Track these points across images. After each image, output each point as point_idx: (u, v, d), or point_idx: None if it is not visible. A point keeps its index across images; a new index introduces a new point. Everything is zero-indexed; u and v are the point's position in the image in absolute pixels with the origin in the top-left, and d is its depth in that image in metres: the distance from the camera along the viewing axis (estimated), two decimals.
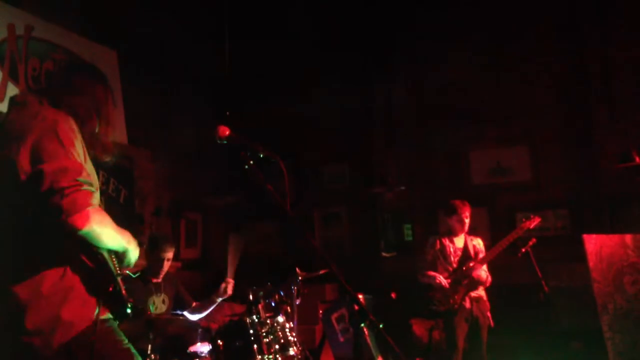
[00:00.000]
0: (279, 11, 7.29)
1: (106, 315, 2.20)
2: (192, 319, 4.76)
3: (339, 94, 7.52)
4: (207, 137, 2.44)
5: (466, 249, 5.32)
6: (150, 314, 4.05)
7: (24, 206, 2.08)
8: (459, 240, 5.38)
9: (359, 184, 7.60)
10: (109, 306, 2.19)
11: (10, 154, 2.06)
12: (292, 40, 7.56)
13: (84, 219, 2.01)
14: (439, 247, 5.36)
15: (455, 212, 5.34)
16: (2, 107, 4.90)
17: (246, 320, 4.17)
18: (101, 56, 5.99)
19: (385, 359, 5.41)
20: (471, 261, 5.21)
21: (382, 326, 2.00)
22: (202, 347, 4.48)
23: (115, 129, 2.44)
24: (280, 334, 4.26)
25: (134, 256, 2.34)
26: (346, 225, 7.77)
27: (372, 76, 7.70)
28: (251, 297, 4.33)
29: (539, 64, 6.87)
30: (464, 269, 5.17)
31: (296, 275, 4.76)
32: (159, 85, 6.68)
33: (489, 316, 5.20)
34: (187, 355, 4.38)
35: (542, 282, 5.00)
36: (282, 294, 4.64)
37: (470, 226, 5.39)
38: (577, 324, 5.79)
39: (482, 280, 5.15)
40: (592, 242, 5.29)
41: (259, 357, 4.05)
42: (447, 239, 5.38)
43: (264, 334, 4.15)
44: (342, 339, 5.86)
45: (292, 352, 4.23)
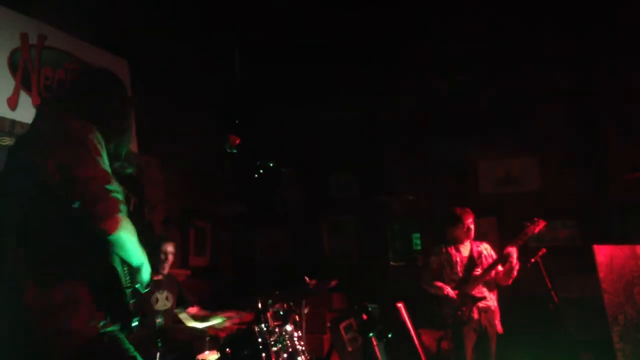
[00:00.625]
0: (288, 23, 7.33)
1: (113, 326, 2.21)
2: (199, 327, 4.78)
3: (348, 103, 7.55)
4: (217, 145, 2.46)
5: (472, 256, 5.27)
6: (158, 322, 4.07)
7: (42, 214, 2.10)
8: (465, 248, 5.32)
9: (367, 193, 7.60)
10: (117, 318, 2.21)
11: (36, 161, 2.11)
12: (301, 50, 7.59)
13: (114, 224, 2.08)
14: (445, 256, 5.31)
15: (460, 220, 5.29)
16: (15, 115, 4.94)
17: (254, 328, 4.17)
18: (112, 65, 6.02)
19: None
20: (476, 268, 5.16)
21: (390, 336, 2.00)
22: (210, 355, 4.49)
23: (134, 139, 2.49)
24: (288, 342, 4.26)
25: (146, 275, 2.38)
26: (354, 234, 7.76)
27: (381, 86, 7.71)
28: (259, 305, 4.33)
29: (548, 75, 6.87)
30: (469, 277, 5.13)
31: (305, 283, 4.76)
32: (169, 93, 6.72)
33: (497, 324, 5.16)
34: None
35: (552, 292, 4.96)
36: (290, 302, 4.64)
37: (476, 232, 5.35)
38: (587, 335, 5.75)
39: (483, 296, 5.10)
40: (603, 253, 5.27)
41: None
42: (452, 247, 5.33)
43: (272, 343, 4.15)
44: (350, 349, 5.84)
45: None
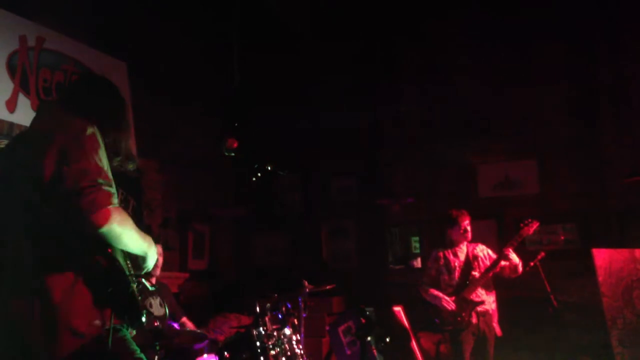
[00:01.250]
0: (288, 26, 7.33)
1: (118, 324, 2.20)
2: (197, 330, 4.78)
3: (347, 107, 7.55)
4: (216, 148, 2.46)
5: (468, 260, 5.26)
6: (157, 325, 4.06)
7: (42, 208, 2.12)
8: (462, 251, 5.32)
9: (367, 196, 7.59)
10: (123, 314, 2.19)
11: (36, 157, 2.13)
12: (301, 54, 7.60)
13: (104, 217, 2.07)
14: (443, 261, 5.30)
15: (456, 222, 5.29)
16: (13, 118, 4.94)
17: (253, 332, 4.16)
18: (111, 67, 6.04)
19: None
20: (473, 271, 5.16)
21: (388, 340, 2.00)
22: (208, 358, 4.49)
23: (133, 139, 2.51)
24: (287, 346, 4.26)
25: (152, 261, 2.39)
26: (354, 237, 7.75)
27: (381, 90, 7.72)
28: (258, 309, 4.33)
29: (548, 78, 6.86)
30: (467, 281, 5.12)
31: (303, 287, 4.76)
32: (168, 96, 6.72)
33: (495, 327, 5.15)
34: None
35: (551, 296, 4.96)
36: (289, 306, 4.63)
37: (475, 234, 5.35)
38: (586, 339, 5.74)
39: (482, 300, 5.09)
40: (602, 257, 5.27)
41: None
42: (450, 251, 5.33)
43: (271, 346, 4.14)
44: (349, 352, 5.83)
45: None
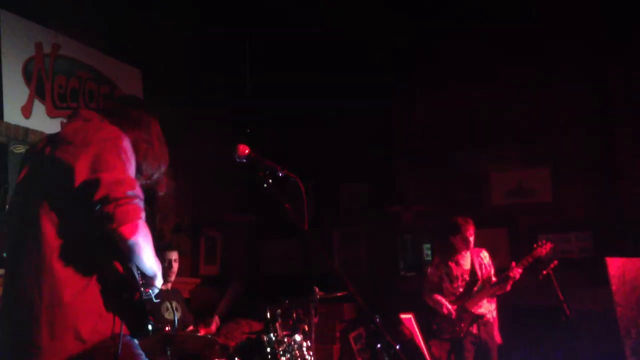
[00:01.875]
0: (300, 33, 7.35)
1: (128, 331, 2.21)
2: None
3: (359, 114, 7.54)
4: (228, 155, 2.47)
5: (473, 270, 5.24)
6: (168, 331, 4.07)
7: (66, 211, 2.14)
8: (465, 260, 5.29)
9: (378, 203, 7.58)
10: (130, 322, 2.20)
11: (68, 159, 2.14)
12: (312, 61, 7.62)
13: (133, 230, 2.08)
14: (445, 269, 5.29)
15: (459, 230, 5.26)
16: (29, 123, 4.99)
17: (263, 338, 4.16)
18: (126, 74, 6.10)
19: None
20: (478, 282, 5.13)
21: (398, 347, 1.99)
22: None
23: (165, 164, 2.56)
24: (297, 352, 4.25)
25: (159, 285, 2.43)
26: (365, 244, 7.74)
27: (392, 96, 7.72)
28: (269, 315, 4.33)
29: (561, 86, 6.83)
30: (471, 293, 5.10)
31: (314, 294, 4.75)
32: (181, 102, 6.76)
33: (495, 335, 5.12)
34: None
35: (564, 305, 4.92)
36: (300, 312, 4.63)
37: (485, 243, 5.34)
38: (599, 349, 5.69)
39: (482, 314, 5.07)
40: (615, 266, 5.22)
41: None
42: (452, 259, 5.31)
43: (281, 353, 4.14)
44: (359, 359, 5.82)
45: None
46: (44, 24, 5.24)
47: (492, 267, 5.24)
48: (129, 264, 2.20)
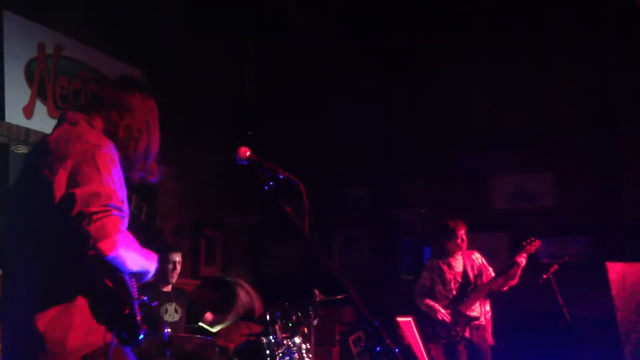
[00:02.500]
0: (302, 34, 7.36)
1: (119, 340, 2.19)
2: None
3: (361, 117, 7.55)
4: (229, 157, 2.47)
5: (465, 272, 5.24)
6: (167, 332, 4.07)
7: (51, 228, 2.09)
8: (458, 262, 5.29)
9: (379, 206, 7.58)
10: (122, 332, 2.17)
11: (47, 174, 2.09)
12: (314, 63, 7.62)
13: (111, 245, 2.01)
14: (437, 272, 5.29)
15: (453, 233, 5.27)
16: (30, 124, 5.00)
17: (263, 340, 4.17)
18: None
19: None
20: (471, 285, 5.13)
21: (398, 350, 2.00)
22: None
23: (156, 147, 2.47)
24: (296, 355, 4.25)
25: (151, 275, 2.38)
26: (366, 247, 7.74)
27: (394, 100, 7.72)
28: (268, 317, 4.33)
29: (562, 89, 6.83)
30: (464, 296, 5.10)
31: (314, 296, 4.75)
32: (183, 104, 6.77)
33: (487, 337, 5.12)
34: None
35: (564, 309, 4.93)
36: (299, 314, 4.63)
37: (484, 246, 5.34)
38: (599, 354, 5.68)
39: (477, 315, 5.07)
40: (616, 270, 5.22)
41: None
42: (444, 262, 5.31)
43: (281, 355, 4.14)
44: None
45: None
46: (46, 25, 5.25)
47: (488, 267, 5.24)
48: (119, 275, 2.15)
